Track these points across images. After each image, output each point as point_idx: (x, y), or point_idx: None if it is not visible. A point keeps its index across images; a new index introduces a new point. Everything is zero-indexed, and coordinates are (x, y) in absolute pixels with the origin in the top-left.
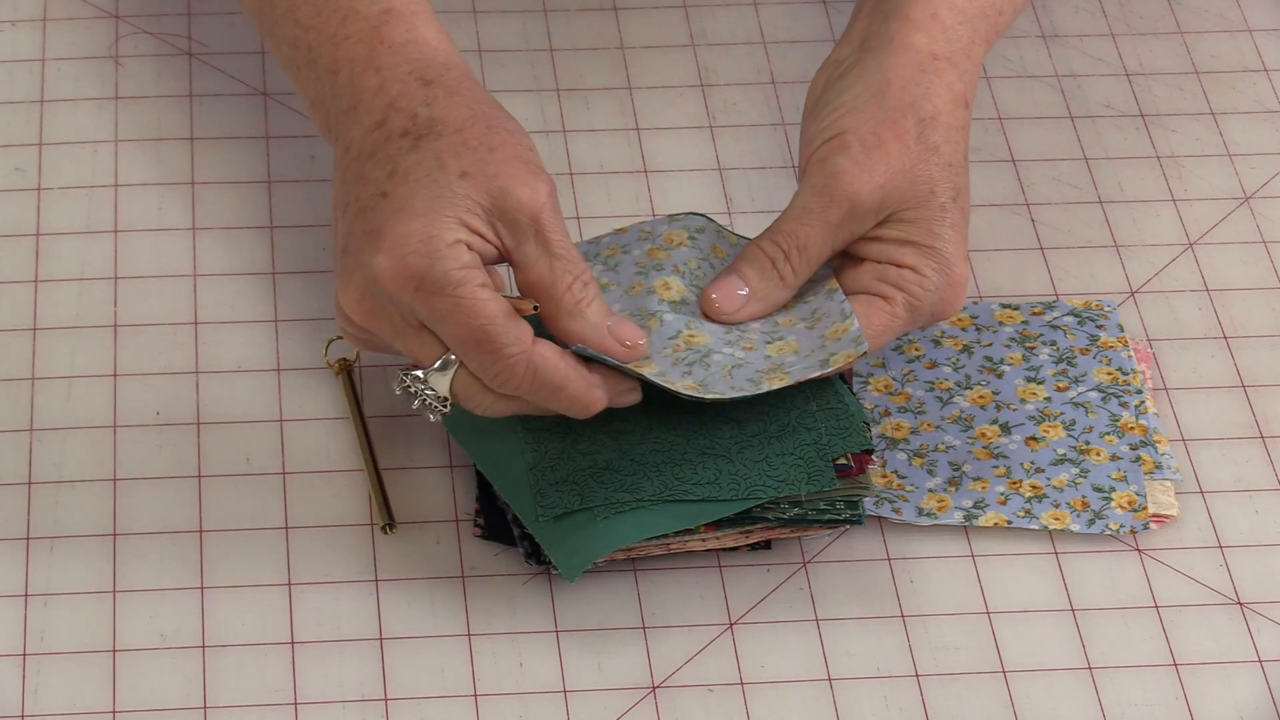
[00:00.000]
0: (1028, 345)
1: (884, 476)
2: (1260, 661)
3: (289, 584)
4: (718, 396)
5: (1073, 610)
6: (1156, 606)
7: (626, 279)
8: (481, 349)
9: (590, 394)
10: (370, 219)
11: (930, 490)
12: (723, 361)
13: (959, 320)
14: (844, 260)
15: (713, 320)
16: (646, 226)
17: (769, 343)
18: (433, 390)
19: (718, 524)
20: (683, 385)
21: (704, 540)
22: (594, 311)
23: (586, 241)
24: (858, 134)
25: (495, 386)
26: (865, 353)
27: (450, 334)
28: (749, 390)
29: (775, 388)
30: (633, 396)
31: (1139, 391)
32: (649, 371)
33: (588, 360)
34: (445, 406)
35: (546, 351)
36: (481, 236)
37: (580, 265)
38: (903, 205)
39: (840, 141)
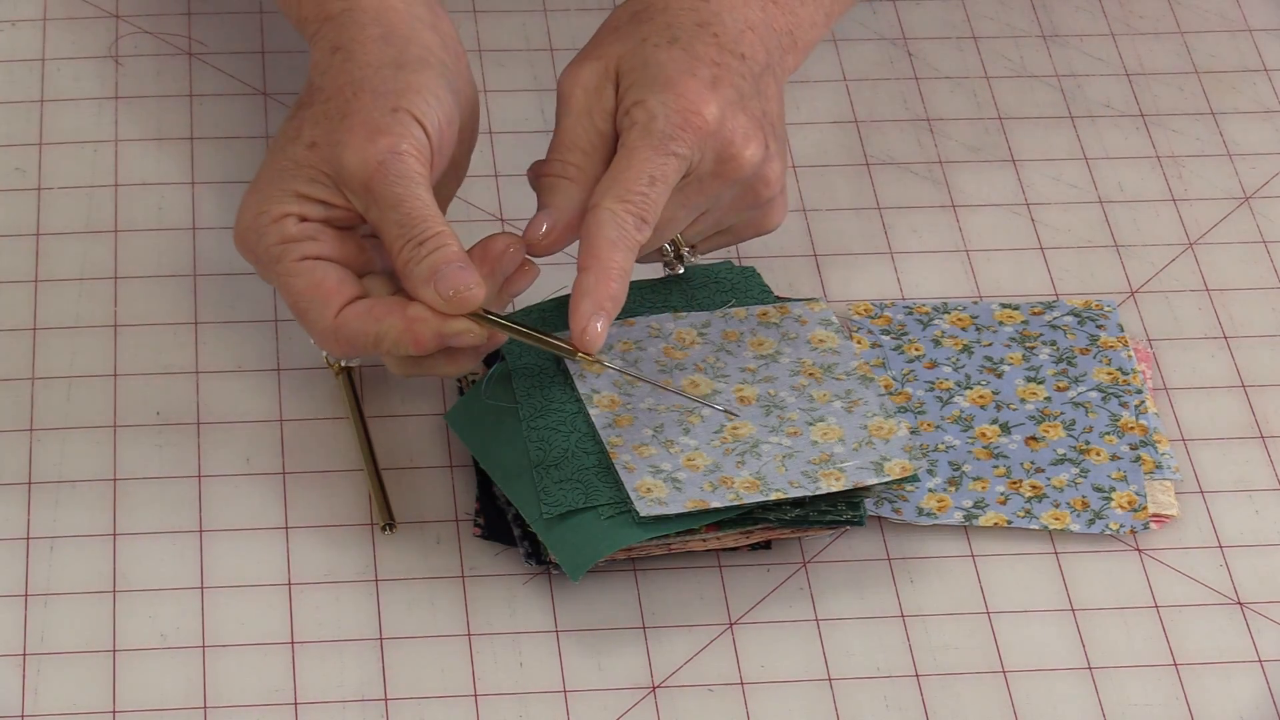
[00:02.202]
0: (1028, 345)
1: None
2: (1260, 661)
3: (289, 584)
4: (781, 495)
5: (1073, 610)
6: (1156, 606)
7: (652, 375)
8: (302, 323)
9: (411, 333)
10: None
11: (930, 490)
12: (773, 451)
13: (959, 320)
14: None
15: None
16: (654, 323)
17: (811, 424)
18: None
19: (718, 524)
20: (742, 484)
21: (704, 540)
22: (421, 269)
23: None
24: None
25: (330, 353)
26: (918, 470)
27: (287, 305)
28: (808, 490)
29: (834, 489)
30: (468, 338)
31: (1139, 391)
32: (714, 498)
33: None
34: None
35: (351, 317)
36: (327, 204)
37: (415, 225)
38: (629, 74)
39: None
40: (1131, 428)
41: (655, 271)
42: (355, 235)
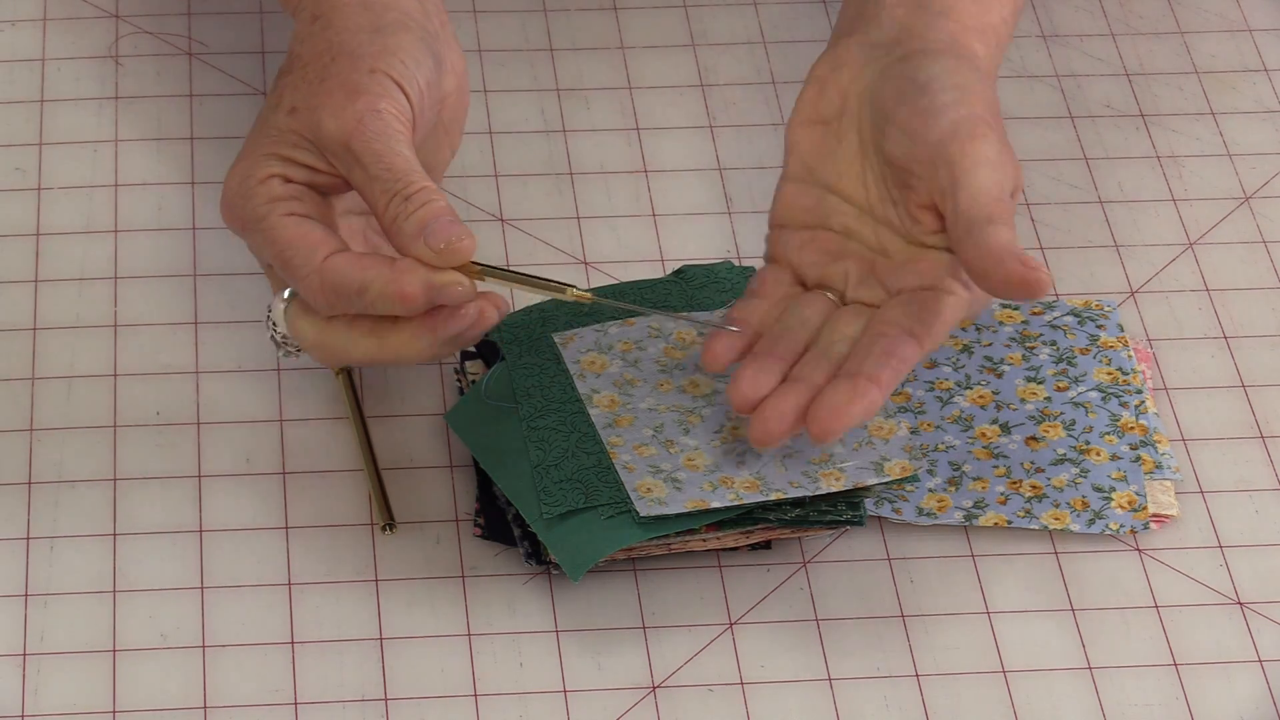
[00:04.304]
0: (1028, 345)
1: None
2: (1260, 661)
3: (289, 584)
4: (781, 495)
5: (1073, 610)
6: (1156, 606)
7: (652, 376)
8: (287, 272)
9: (397, 284)
10: None
11: (930, 490)
12: (773, 451)
13: None
14: (909, 247)
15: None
16: (654, 323)
17: None
18: (276, 324)
19: (718, 524)
20: (742, 485)
21: (704, 540)
22: (410, 223)
23: (593, 329)
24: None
25: (315, 308)
26: (918, 470)
27: (272, 264)
28: (808, 490)
29: (834, 489)
30: (457, 290)
31: (1139, 391)
32: (714, 498)
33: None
34: (291, 346)
35: (338, 261)
36: (310, 168)
37: (399, 180)
38: None
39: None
40: (1131, 428)
41: (655, 271)
42: (334, 207)
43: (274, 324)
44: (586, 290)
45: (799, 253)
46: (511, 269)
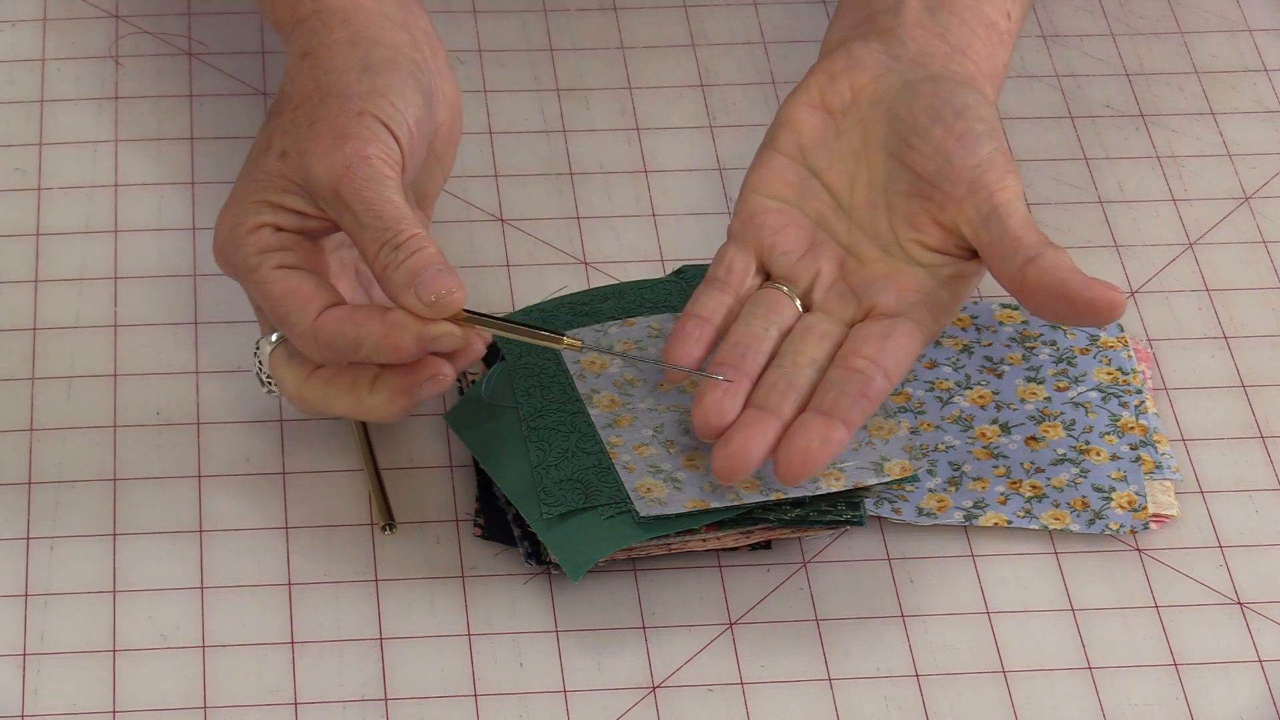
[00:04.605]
0: (1028, 345)
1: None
2: (1260, 661)
3: (289, 584)
4: (781, 495)
5: (1073, 610)
6: (1156, 606)
7: (652, 376)
8: (282, 326)
9: (390, 340)
10: None
11: (930, 490)
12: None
13: (959, 320)
14: (896, 262)
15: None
16: (654, 322)
17: None
18: (262, 365)
19: (718, 524)
20: (742, 485)
21: (704, 540)
22: (401, 273)
23: (593, 330)
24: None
25: (310, 357)
26: (918, 471)
27: (268, 315)
28: (808, 489)
29: (834, 489)
30: (449, 341)
31: (1139, 391)
32: (714, 498)
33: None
34: (270, 385)
35: (330, 319)
36: (301, 214)
37: (389, 229)
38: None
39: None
40: (1131, 428)
41: (655, 271)
42: (324, 246)
43: (260, 363)
44: (578, 340)
45: (773, 237)
46: (501, 318)
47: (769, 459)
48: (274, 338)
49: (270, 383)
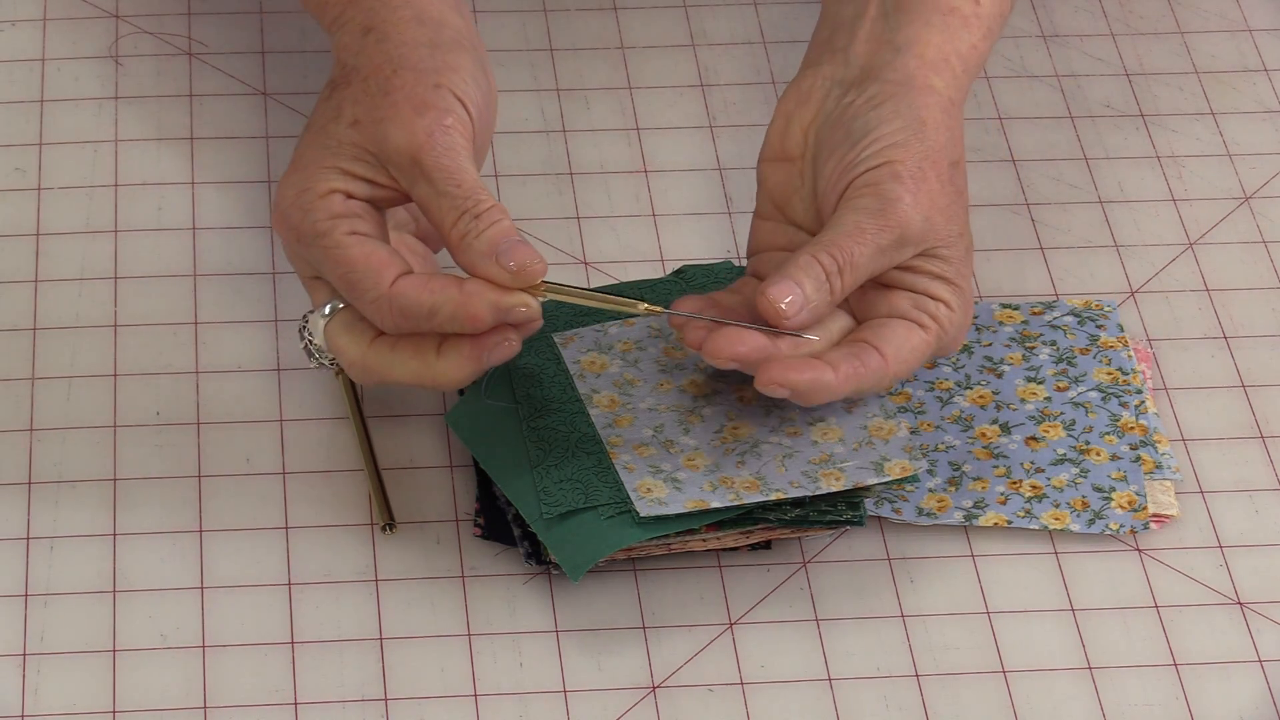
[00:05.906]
0: (1028, 345)
1: None
2: (1260, 661)
3: (289, 584)
4: (781, 495)
5: (1073, 610)
6: (1156, 606)
7: (652, 377)
8: (351, 293)
9: (467, 308)
10: None
11: (930, 490)
12: (773, 451)
13: None
14: (874, 286)
15: (771, 324)
16: (654, 323)
17: (811, 424)
18: (312, 336)
19: (718, 524)
20: (742, 485)
21: (704, 540)
22: (482, 242)
23: (593, 329)
24: (907, 166)
25: (378, 326)
26: (918, 470)
27: (330, 279)
28: (808, 490)
29: (834, 489)
30: (524, 311)
31: (1139, 391)
32: (714, 498)
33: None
34: (325, 359)
35: (406, 286)
36: (371, 182)
37: (469, 197)
38: (939, 242)
39: (892, 170)
40: (1131, 428)
41: (655, 271)
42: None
43: (310, 335)
44: (657, 308)
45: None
46: (579, 287)
47: (754, 359)
48: (327, 309)
49: (320, 354)
